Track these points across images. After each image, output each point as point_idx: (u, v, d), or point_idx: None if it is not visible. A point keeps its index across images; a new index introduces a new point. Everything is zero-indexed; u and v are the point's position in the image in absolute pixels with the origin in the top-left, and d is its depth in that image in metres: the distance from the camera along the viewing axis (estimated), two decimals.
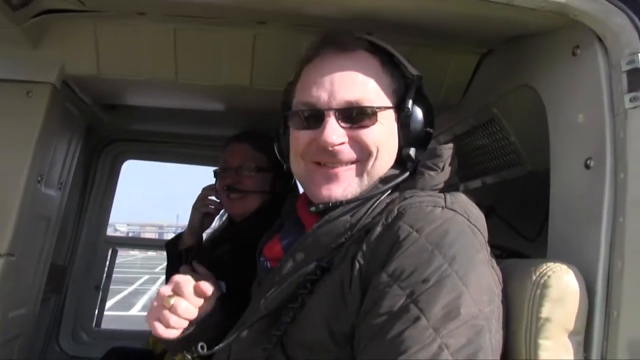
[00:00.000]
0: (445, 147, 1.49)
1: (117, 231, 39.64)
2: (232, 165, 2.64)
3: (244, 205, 2.59)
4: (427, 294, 1.17)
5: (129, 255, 33.09)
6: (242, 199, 2.58)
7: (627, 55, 1.41)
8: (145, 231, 56.78)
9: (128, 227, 55.12)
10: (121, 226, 50.84)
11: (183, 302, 1.59)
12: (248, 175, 2.58)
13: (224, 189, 2.62)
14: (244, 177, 2.59)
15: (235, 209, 2.63)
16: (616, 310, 1.29)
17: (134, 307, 14.75)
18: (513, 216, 2.22)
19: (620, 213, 1.33)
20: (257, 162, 2.59)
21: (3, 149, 2.13)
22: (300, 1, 1.72)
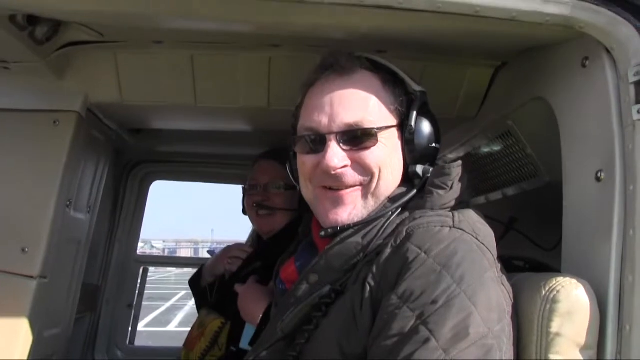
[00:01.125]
0: (453, 165, 1.50)
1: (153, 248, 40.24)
2: (260, 182, 2.70)
3: (272, 222, 2.63)
4: (436, 315, 1.19)
5: (165, 272, 33.53)
6: (270, 216, 2.63)
7: (635, 66, 1.41)
8: (181, 247, 57.55)
9: (164, 244, 55.98)
10: (157, 243, 51.66)
11: None
12: (276, 193, 2.62)
13: (253, 206, 2.67)
14: (272, 194, 2.63)
15: (264, 226, 2.67)
16: (629, 325, 1.28)
17: (171, 323, 14.93)
18: (537, 227, 2.21)
19: (631, 226, 1.33)
20: (285, 180, 2.59)
21: (33, 176, 2.23)
22: (310, 26, 1.75)
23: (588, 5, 1.47)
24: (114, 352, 3.81)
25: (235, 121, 2.67)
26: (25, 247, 2.16)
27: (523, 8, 1.49)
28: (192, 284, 2.94)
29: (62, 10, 1.76)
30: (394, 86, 1.58)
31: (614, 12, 1.46)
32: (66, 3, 1.61)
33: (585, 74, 1.58)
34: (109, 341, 3.80)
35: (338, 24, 1.70)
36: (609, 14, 1.46)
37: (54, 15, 1.87)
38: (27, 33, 1.91)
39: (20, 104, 2.26)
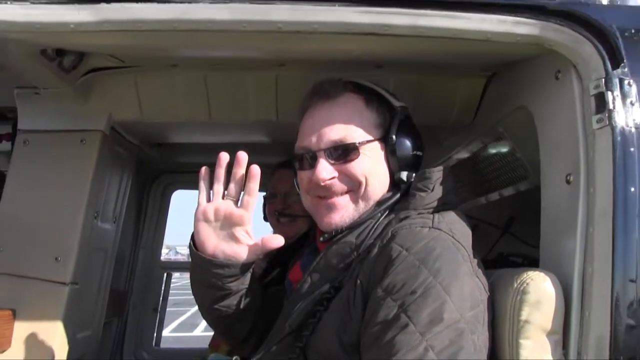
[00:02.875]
0: (434, 169, 1.69)
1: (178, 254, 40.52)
2: (280, 190, 2.86)
3: (293, 228, 2.77)
4: (414, 304, 1.36)
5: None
6: (291, 223, 2.78)
7: (594, 80, 1.57)
8: None
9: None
10: (182, 249, 52.15)
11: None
12: (296, 200, 2.71)
13: (274, 213, 2.83)
14: (292, 202, 2.78)
15: (285, 232, 2.78)
16: (588, 311, 1.44)
17: (197, 327, 15.12)
18: (534, 225, 2.36)
19: (591, 224, 1.49)
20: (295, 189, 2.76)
21: (63, 191, 2.43)
22: (308, 51, 1.96)
23: (554, 25, 1.64)
24: (140, 354, 4.01)
25: (247, 134, 2.86)
26: (58, 256, 2.36)
27: (496, 30, 1.66)
28: None
29: (86, 45, 1.98)
30: (378, 104, 1.77)
31: (577, 32, 1.62)
32: (90, 39, 1.81)
33: (558, 85, 1.73)
34: (135, 344, 4.01)
35: (333, 48, 1.89)
36: (572, 33, 1.63)
37: (79, 48, 2.08)
38: (56, 63, 2.13)
39: (50, 125, 2.47)
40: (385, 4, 1.64)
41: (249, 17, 1.63)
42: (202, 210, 1.74)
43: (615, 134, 1.50)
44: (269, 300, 1.96)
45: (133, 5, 1.61)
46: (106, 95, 2.47)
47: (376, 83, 1.88)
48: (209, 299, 1.81)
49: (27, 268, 2.34)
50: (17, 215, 2.39)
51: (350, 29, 1.66)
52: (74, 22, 1.63)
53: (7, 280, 2.32)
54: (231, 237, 1.73)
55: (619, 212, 1.44)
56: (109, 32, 1.67)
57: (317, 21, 1.64)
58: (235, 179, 1.76)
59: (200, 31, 1.68)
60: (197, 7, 1.61)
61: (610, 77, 1.55)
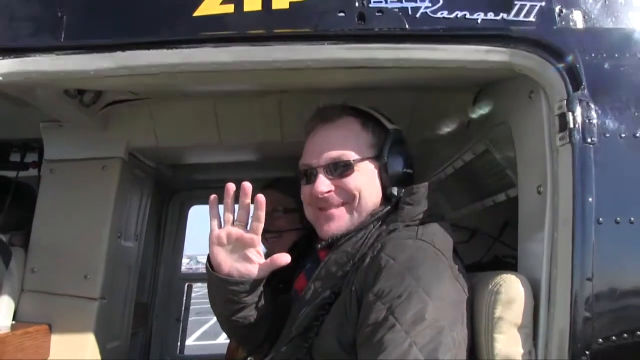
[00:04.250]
0: (420, 185, 1.89)
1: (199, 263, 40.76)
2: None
3: (280, 243, 2.95)
4: (400, 306, 1.56)
5: None
6: (278, 239, 2.96)
7: (558, 101, 1.76)
8: None
9: None
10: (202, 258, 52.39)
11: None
12: (278, 217, 2.96)
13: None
14: (275, 218, 2.96)
15: (273, 247, 2.99)
16: (553, 308, 1.62)
17: (221, 335, 15.27)
18: None
19: (555, 230, 1.68)
20: (284, 205, 2.97)
21: (88, 214, 2.65)
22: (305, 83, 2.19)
23: (522, 52, 1.83)
24: None
25: (254, 153, 3.09)
26: (87, 274, 2.58)
27: (471, 59, 1.86)
28: None
29: (104, 85, 2.21)
30: (373, 126, 1.98)
31: (543, 58, 1.82)
32: (108, 82, 2.05)
33: (531, 104, 1.92)
34: (161, 352, 4.21)
35: (326, 80, 2.11)
36: (539, 59, 1.82)
37: (98, 88, 2.32)
38: (77, 100, 2.37)
39: (74, 154, 2.70)
40: (369, 40, 1.85)
41: (249, 58, 1.84)
42: (216, 235, 1.92)
43: (575, 150, 1.69)
44: (279, 308, 2.15)
45: (145, 52, 1.84)
46: (123, 125, 2.70)
47: (374, 106, 2.09)
48: (227, 312, 1.99)
49: (60, 286, 2.56)
50: (47, 238, 2.61)
51: (339, 64, 1.87)
52: (93, 69, 1.86)
53: (42, 298, 2.54)
54: (243, 258, 1.92)
55: (578, 219, 1.63)
56: (125, 75, 1.90)
57: (310, 59, 1.85)
58: (243, 206, 1.93)
59: (205, 71, 1.90)
60: (201, 51, 1.83)
61: (571, 98, 1.74)
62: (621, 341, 1.59)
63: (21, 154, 3.15)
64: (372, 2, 1.95)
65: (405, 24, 1.89)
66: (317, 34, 1.87)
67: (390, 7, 1.94)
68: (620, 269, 1.65)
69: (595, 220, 1.64)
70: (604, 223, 1.64)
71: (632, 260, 1.65)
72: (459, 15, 1.94)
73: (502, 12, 1.96)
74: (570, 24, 1.98)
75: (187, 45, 1.84)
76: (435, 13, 1.95)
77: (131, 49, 1.84)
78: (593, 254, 1.62)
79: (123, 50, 1.83)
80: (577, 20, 2.01)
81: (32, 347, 2.42)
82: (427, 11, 1.95)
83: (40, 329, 2.47)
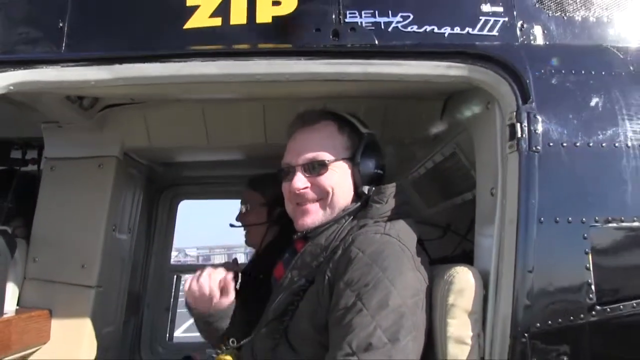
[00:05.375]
0: (388, 185, 2.11)
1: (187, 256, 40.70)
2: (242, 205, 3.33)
3: (250, 236, 3.25)
4: (367, 293, 1.78)
5: None
6: (248, 232, 3.24)
7: (509, 113, 1.97)
8: (215, 253, 58.01)
9: (198, 252, 56.42)
10: (191, 251, 51.89)
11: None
12: (246, 213, 3.23)
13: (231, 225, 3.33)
14: (243, 214, 3.25)
15: (247, 240, 3.31)
16: (499, 296, 1.84)
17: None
18: None
19: (503, 228, 1.89)
20: (251, 201, 3.23)
21: (85, 208, 2.85)
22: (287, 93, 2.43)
23: (479, 68, 2.04)
24: (156, 348, 4.43)
25: (239, 153, 3.32)
26: (84, 264, 2.77)
27: (433, 73, 2.07)
28: None
29: (103, 93, 2.43)
30: (349, 130, 2.19)
31: (497, 73, 2.02)
32: (106, 90, 2.27)
33: (488, 114, 2.12)
34: (151, 339, 4.42)
35: (304, 91, 2.34)
36: (494, 74, 2.02)
37: (97, 96, 2.52)
38: (77, 104, 2.57)
39: (72, 153, 2.89)
40: (341, 56, 2.06)
41: (233, 71, 2.06)
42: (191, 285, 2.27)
43: (522, 157, 1.89)
44: (260, 294, 2.36)
45: (140, 65, 2.05)
46: (119, 127, 2.90)
47: (351, 111, 2.30)
48: (211, 333, 2.31)
49: (59, 274, 2.76)
50: (48, 231, 2.81)
51: (314, 77, 2.08)
52: (94, 80, 2.06)
53: (43, 285, 2.74)
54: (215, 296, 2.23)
55: (522, 219, 1.85)
56: (122, 85, 2.10)
57: (288, 72, 2.07)
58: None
59: (194, 83, 2.11)
60: (190, 65, 2.05)
61: (520, 111, 1.94)
62: (555, 326, 1.80)
63: (22, 152, 3.34)
64: (348, 17, 2.15)
65: (375, 40, 2.08)
66: (294, 50, 2.08)
67: (364, 21, 2.14)
68: (557, 263, 1.86)
69: (537, 220, 1.84)
70: (545, 222, 1.85)
71: (568, 255, 1.86)
72: (427, 29, 2.14)
73: (467, 27, 2.16)
74: (530, 39, 2.17)
75: (178, 59, 2.04)
76: (405, 27, 2.15)
77: (128, 62, 2.04)
78: (534, 249, 1.83)
79: (121, 63, 2.03)
80: (537, 35, 2.20)
81: (35, 330, 2.61)
82: (398, 26, 2.15)
83: (41, 314, 2.67)
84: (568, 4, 2.30)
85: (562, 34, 2.23)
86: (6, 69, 2.02)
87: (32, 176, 3.27)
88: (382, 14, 2.16)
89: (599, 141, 1.94)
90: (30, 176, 3.28)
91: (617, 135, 1.95)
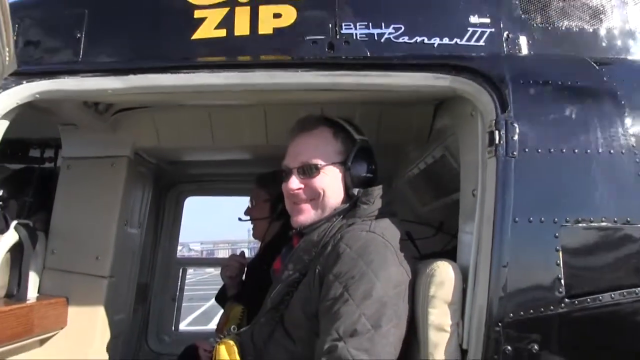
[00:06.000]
0: (375, 188, 2.29)
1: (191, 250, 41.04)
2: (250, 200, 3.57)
3: (255, 230, 3.49)
4: (353, 285, 1.97)
5: (205, 273, 34.35)
6: (255, 226, 3.49)
7: (489, 121, 2.13)
8: (219, 248, 58.39)
9: (202, 246, 56.75)
10: (195, 245, 52.08)
11: None
12: (252, 208, 3.47)
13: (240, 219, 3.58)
14: (250, 209, 3.49)
15: (253, 234, 3.56)
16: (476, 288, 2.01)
17: (213, 321, 15.57)
18: None
19: (481, 226, 2.07)
20: (257, 197, 3.48)
21: (99, 204, 3.04)
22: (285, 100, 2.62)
23: (463, 79, 2.21)
24: (162, 337, 4.62)
25: (242, 153, 3.53)
26: (98, 256, 2.96)
27: (421, 84, 2.25)
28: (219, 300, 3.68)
29: (118, 100, 2.62)
30: (344, 136, 2.37)
31: (479, 84, 2.19)
32: (121, 98, 2.50)
33: (472, 121, 2.29)
34: (158, 328, 4.61)
35: (302, 98, 2.52)
36: (476, 86, 2.19)
37: (111, 102, 2.72)
38: (93, 109, 2.76)
39: (87, 153, 3.08)
40: (335, 68, 2.24)
41: (237, 81, 2.24)
42: None
43: (499, 162, 2.06)
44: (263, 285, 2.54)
45: (153, 76, 2.24)
46: (130, 129, 3.09)
47: (346, 117, 2.47)
48: None
49: (75, 265, 2.94)
50: (65, 225, 2.99)
51: (311, 87, 2.27)
52: (111, 89, 2.26)
53: (60, 275, 2.92)
54: None
55: (498, 218, 2.01)
56: (136, 93, 2.29)
57: (287, 82, 2.26)
58: None
59: (202, 91, 2.30)
60: (199, 76, 2.24)
61: (499, 119, 2.10)
62: (527, 316, 1.95)
63: (41, 150, 3.55)
64: (344, 28, 2.33)
65: (367, 52, 2.27)
66: (293, 62, 2.26)
67: (358, 33, 2.32)
68: (530, 259, 2.02)
69: (512, 219, 2.01)
70: (519, 222, 2.01)
71: (540, 252, 2.02)
72: (418, 40, 2.32)
73: (456, 38, 2.34)
74: (516, 49, 2.34)
75: (187, 70, 2.24)
76: (397, 39, 2.33)
77: (141, 73, 2.23)
78: (509, 246, 1.99)
79: (135, 74, 2.23)
80: (522, 45, 2.37)
81: (54, 316, 2.81)
82: (390, 37, 2.33)
83: (59, 301, 2.86)
84: (552, 15, 2.46)
85: (545, 44, 2.40)
86: (32, 79, 2.22)
87: (49, 173, 3.44)
88: (375, 25, 2.33)
89: (572, 148, 2.09)
90: (48, 173, 3.44)
91: (589, 143, 2.10)
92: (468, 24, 2.36)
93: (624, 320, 2.01)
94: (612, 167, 2.10)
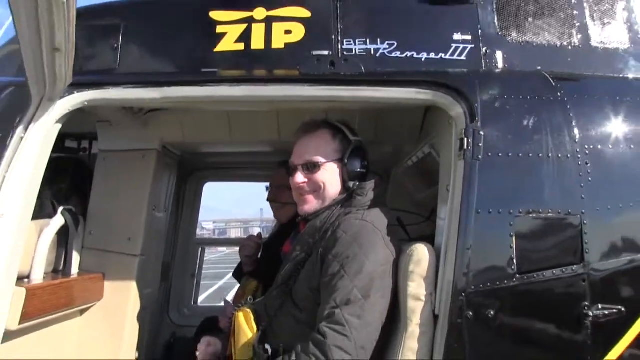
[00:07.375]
0: (367, 182, 2.69)
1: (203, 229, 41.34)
2: (273, 184, 3.88)
3: (283, 213, 3.73)
4: (348, 264, 2.39)
5: (217, 252, 34.69)
6: (281, 209, 3.74)
7: (460, 129, 2.51)
8: (231, 227, 58.56)
9: (214, 225, 56.54)
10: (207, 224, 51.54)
11: None
12: (284, 191, 3.52)
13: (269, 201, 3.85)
14: (281, 192, 3.66)
15: (278, 216, 3.82)
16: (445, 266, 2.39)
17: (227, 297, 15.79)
18: None
19: (451, 216, 2.44)
20: (277, 181, 3.74)
21: (131, 192, 3.47)
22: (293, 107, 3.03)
23: (440, 94, 2.58)
24: (182, 310, 5.02)
25: (256, 146, 3.98)
26: (130, 237, 3.38)
27: (404, 97, 2.65)
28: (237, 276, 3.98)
29: (150, 106, 3.06)
30: (341, 137, 2.77)
31: (453, 98, 2.56)
32: (155, 105, 2.92)
33: (449, 128, 2.64)
34: (178, 302, 5.01)
35: (308, 107, 2.93)
36: (451, 99, 2.56)
37: (146, 107, 3.16)
38: (129, 111, 3.21)
39: (121, 146, 3.51)
40: (335, 83, 2.65)
41: (254, 93, 2.66)
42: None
43: (466, 164, 2.43)
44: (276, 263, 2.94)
45: (182, 88, 2.67)
46: (159, 126, 3.52)
47: (345, 121, 2.85)
48: None
49: (110, 245, 3.35)
50: (101, 210, 3.42)
51: (316, 99, 2.70)
52: (147, 99, 2.69)
53: (97, 254, 3.35)
54: None
55: (464, 209, 2.39)
56: (168, 102, 2.73)
57: (294, 95, 2.68)
58: None
59: (224, 101, 2.72)
60: (222, 88, 2.66)
61: (468, 128, 2.46)
62: (486, 288, 2.32)
63: (77, 142, 3.96)
64: (345, 44, 2.71)
65: (362, 69, 2.65)
66: (301, 78, 2.66)
67: (357, 48, 2.71)
68: (489, 243, 2.39)
69: (475, 210, 2.38)
70: (481, 213, 2.37)
71: (497, 237, 2.37)
72: (408, 54, 2.70)
73: (441, 53, 2.70)
74: (492, 64, 2.69)
75: (211, 84, 2.65)
76: (390, 53, 2.71)
77: (174, 85, 2.65)
78: (472, 232, 2.36)
79: (169, 86, 2.64)
80: (498, 60, 2.71)
81: (92, 289, 3.24)
82: (385, 52, 2.71)
83: (97, 277, 3.27)
84: (524, 32, 2.80)
85: (518, 59, 2.72)
86: (82, 89, 2.61)
87: (81, 162, 3.82)
88: (372, 41, 2.71)
89: (527, 152, 2.43)
90: (80, 162, 3.82)
91: (541, 148, 2.44)
92: (452, 40, 2.71)
93: (563, 292, 2.36)
94: (559, 168, 2.43)
